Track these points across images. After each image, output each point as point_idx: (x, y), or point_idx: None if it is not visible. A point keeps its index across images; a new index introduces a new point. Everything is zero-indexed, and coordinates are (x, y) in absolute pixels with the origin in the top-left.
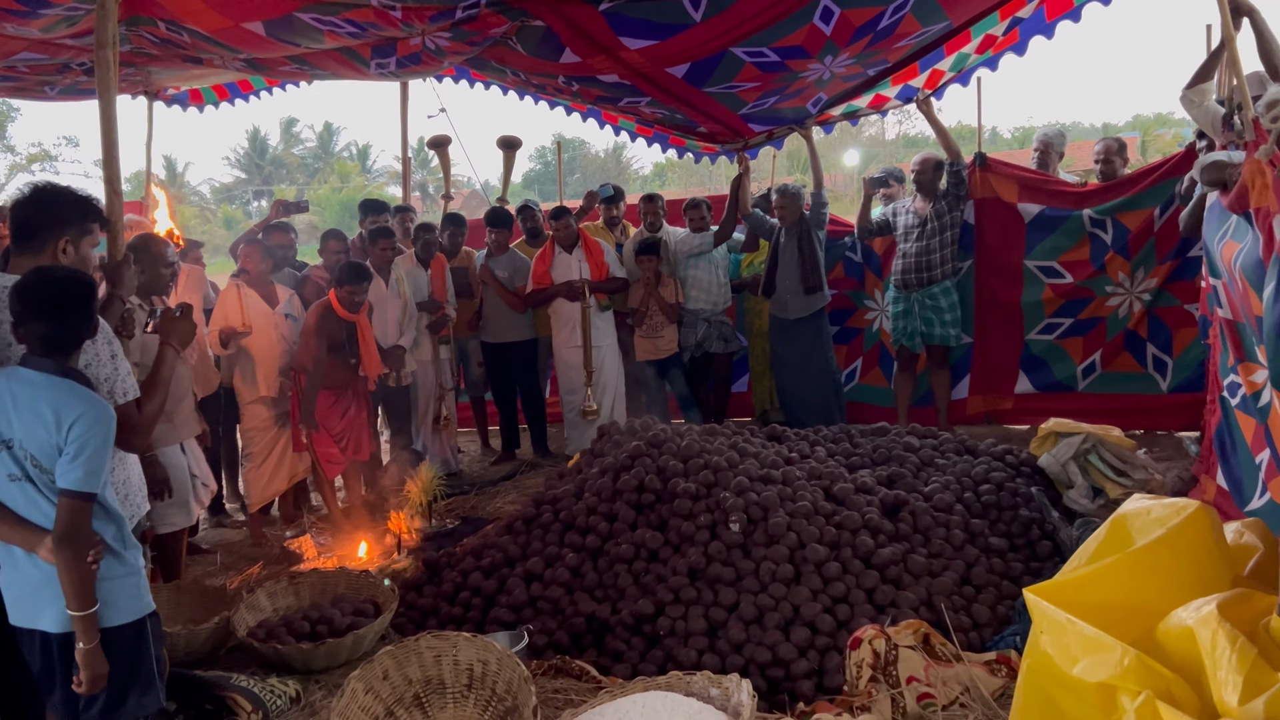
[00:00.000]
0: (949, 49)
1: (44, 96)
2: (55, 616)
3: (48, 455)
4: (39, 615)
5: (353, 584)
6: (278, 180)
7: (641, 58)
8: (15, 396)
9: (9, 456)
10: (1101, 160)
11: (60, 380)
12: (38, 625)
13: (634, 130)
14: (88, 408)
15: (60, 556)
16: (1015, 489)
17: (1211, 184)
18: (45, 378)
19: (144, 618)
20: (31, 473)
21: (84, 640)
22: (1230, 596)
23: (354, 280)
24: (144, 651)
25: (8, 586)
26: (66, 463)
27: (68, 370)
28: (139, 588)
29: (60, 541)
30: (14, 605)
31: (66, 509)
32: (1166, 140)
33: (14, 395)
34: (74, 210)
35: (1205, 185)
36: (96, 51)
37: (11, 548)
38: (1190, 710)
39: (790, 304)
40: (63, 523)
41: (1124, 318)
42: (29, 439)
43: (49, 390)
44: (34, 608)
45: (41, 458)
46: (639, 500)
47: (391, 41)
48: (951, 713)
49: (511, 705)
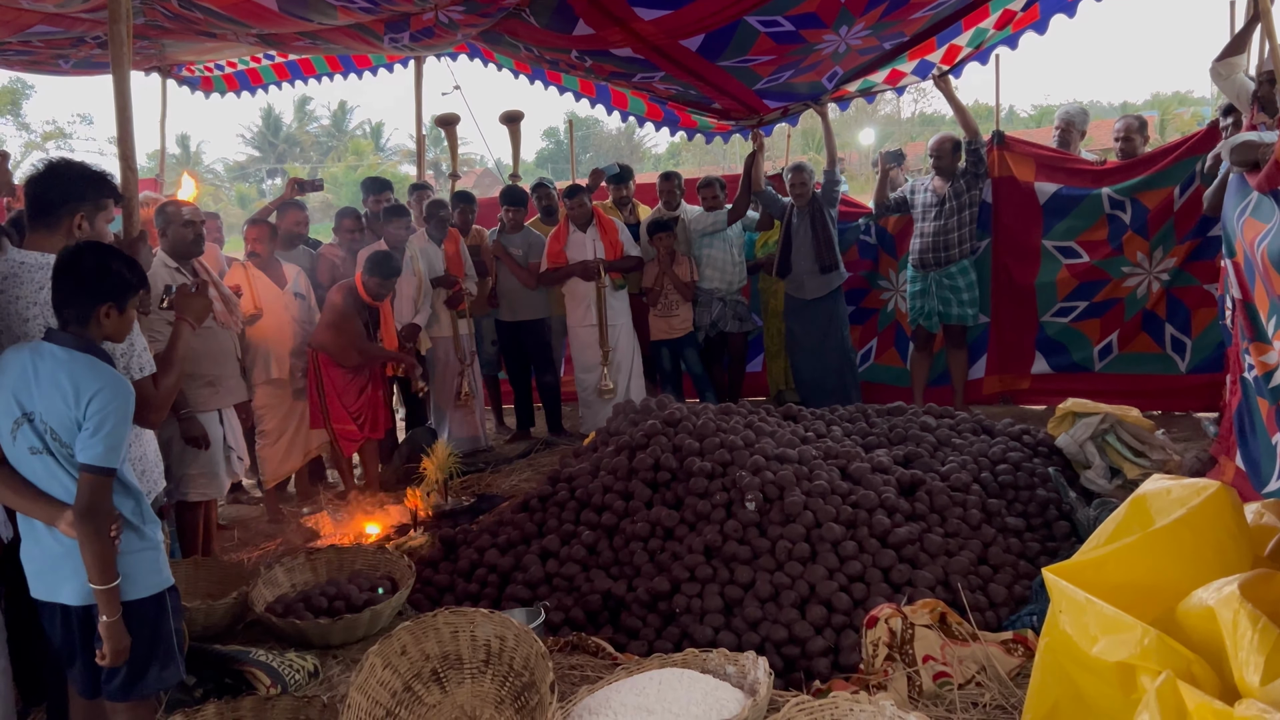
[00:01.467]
0: (966, 24)
1: (58, 70)
2: (76, 590)
3: (67, 429)
4: (59, 588)
5: (370, 560)
6: (291, 158)
7: (655, 29)
8: (37, 370)
9: (30, 429)
10: (1122, 138)
11: (80, 355)
12: (58, 598)
13: (643, 115)
14: (106, 382)
15: (82, 531)
16: (1032, 469)
17: (1241, 164)
18: (66, 352)
19: (163, 592)
20: (51, 446)
21: (107, 614)
22: (1252, 577)
23: (386, 274)
24: (164, 625)
25: (29, 560)
26: (86, 438)
27: (89, 345)
28: (158, 562)
29: (82, 516)
30: (35, 578)
31: (87, 484)
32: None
33: (36, 369)
34: (88, 185)
35: (1235, 166)
36: (110, 26)
37: (33, 521)
38: (1211, 690)
39: (806, 284)
40: (84, 498)
41: (1142, 298)
42: (49, 412)
43: (69, 364)
44: (54, 581)
45: (61, 431)
46: (655, 479)
47: (405, 16)
48: (968, 691)
49: (529, 681)
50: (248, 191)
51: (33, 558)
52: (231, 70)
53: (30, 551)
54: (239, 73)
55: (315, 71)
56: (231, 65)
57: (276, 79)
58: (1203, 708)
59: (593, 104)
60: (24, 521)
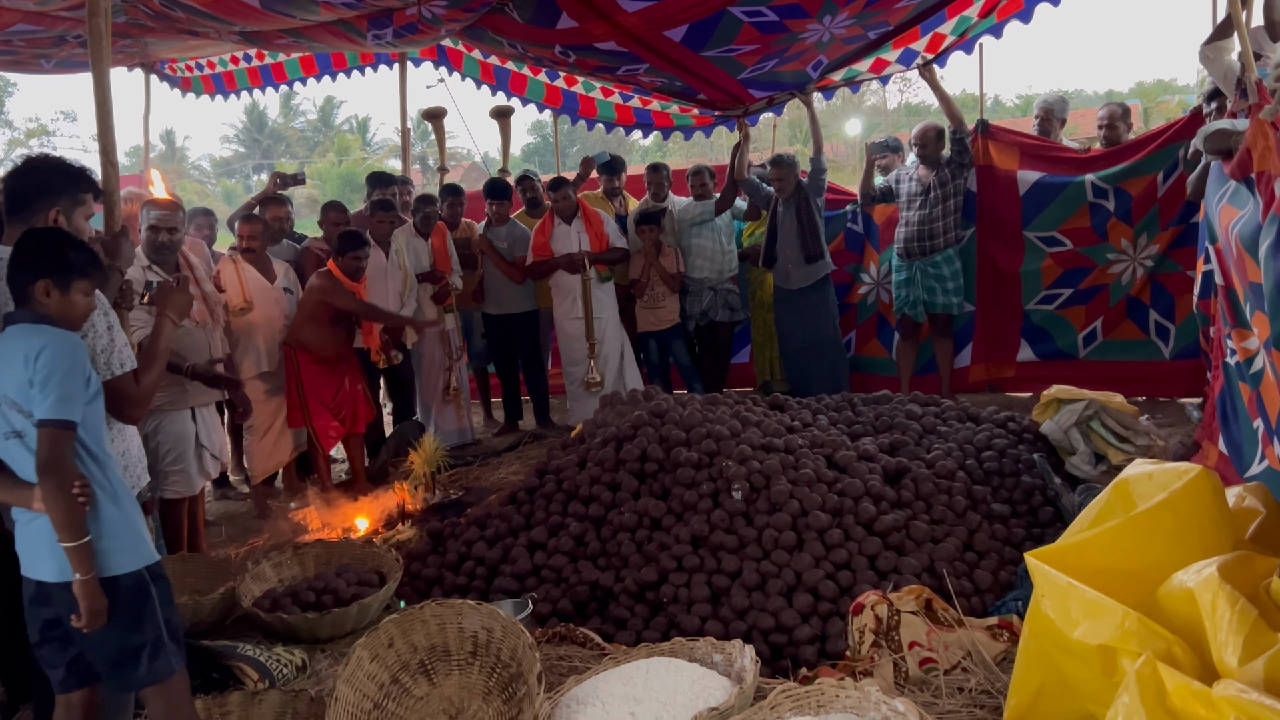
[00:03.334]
0: (950, 11)
1: (40, 69)
2: (54, 566)
3: (24, 394)
4: (39, 564)
5: (357, 554)
6: (277, 154)
7: (638, 20)
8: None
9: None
10: (1105, 125)
11: (30, 326)
12: (38, 575)
13: (613, 121)
14: (50, 338)
15: (44, 486)
16: (1017, 456)
17: (1215, 152)
18: (18, 327)
19: (143, 571)
20: (16, 423)
21: (80, 571)
22: (1231, 559)
23: (354, 246)
24: (148, 605)
25: (18, 540)
26: (39, 392)
27: (40, 319)
28: (137, 536)
29: (42, 471)
30: (22, 556)
31: (46, 438)
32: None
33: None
34: (65, 180)
35: (1209, 154)
36: (89, 20)
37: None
38: (1191, 671)
39: (792, 274)
40: (43, 452)
41: (1126, 284)
42: (9, 386)
43: (20, 336)
44: (35, 556)
45: (20, 399)
46: (642, 469)
47: (387, 11)
48: (953, 677)
49: (516, 672)
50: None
51: (18, 538)
52: (210, 72)
53: (21, 532)
54: (215, 75)
55: (288, 77)
56: (210, 66)
57: (250, 85)
58: (1182, 688)
59: (556, 114)
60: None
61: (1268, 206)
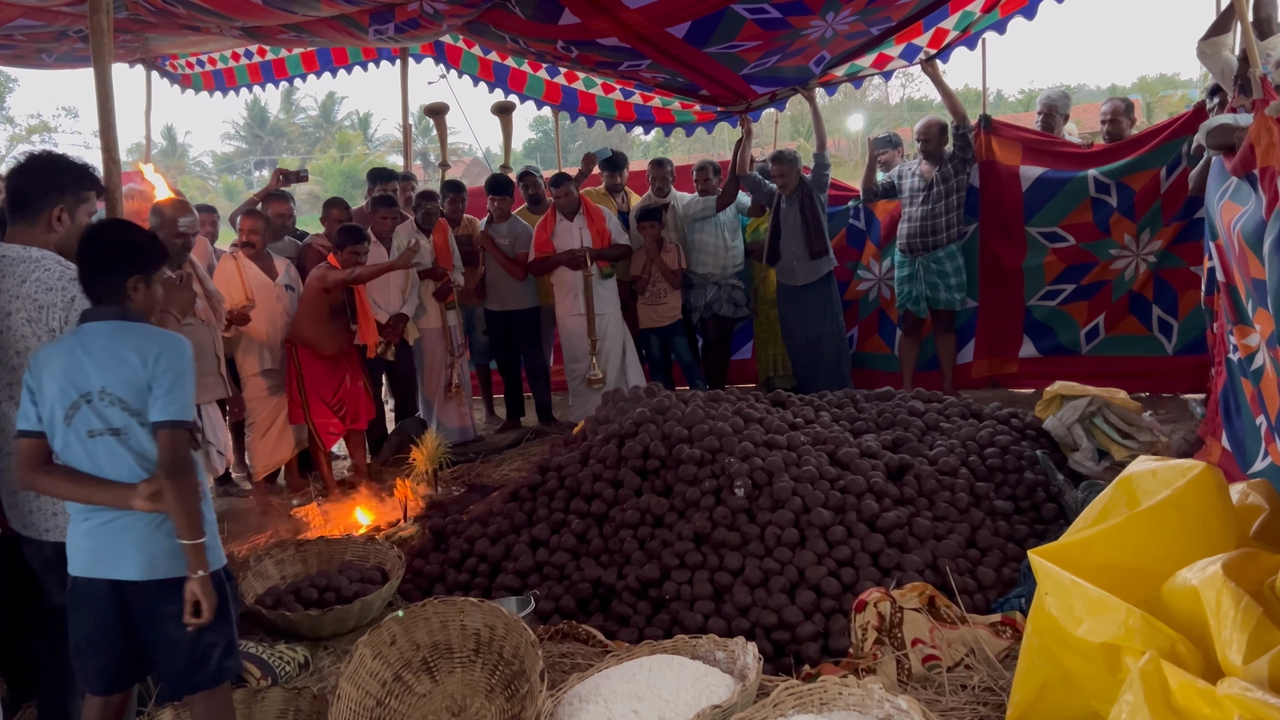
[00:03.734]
0: (953, 7)
1: (41, 64)
2: (138, 564)
3: (137, 394)
4: (115, 563)
5: (360, 551)
6: (279, 150)
7: (641, 17)
8: (89, 349)
9: (90, 410)
10: (1109, 120)
11: (126, 323)
12: (112, 574)
13: (613, 118)
14: (166, 341)
15: (174, 487)
16: (1020, 452)
17: (1218, 148)
18: (112, 325)
19: (222, 570)
20: (116, 421)
21: (202, 567)
22: (1235, 556)
23: (354, 240)
24: (226, 606)
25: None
26: (162, 395)
27: (131, 314)
28: (216, 535)
29: (171, 473)
30: (87, 555)
31: (169, 440)
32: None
33: (86, 348)
34: (68, 177)
35: (1211, 149)
36: (90, 16)
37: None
38: (1195, 669)
39: (796, 270)
40: (168, 454)
41: (1129, 280)
42: (115, 383)
43: (122, 334)
44: (111, 555)
45: (130, 398)
46: (644, 466)
47: (389, 7)
48: (957, 674)
49: (518, 669)
50: (235, 184)
51: (89, 533)
52: (211, 69)
53: (85, 528)
54: (216, 72)
55: (288, 74)
56: (212, 62)
57: (250, 81)
58: (1186, 686)
59: (556, 110)
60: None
61: (1272, 204)
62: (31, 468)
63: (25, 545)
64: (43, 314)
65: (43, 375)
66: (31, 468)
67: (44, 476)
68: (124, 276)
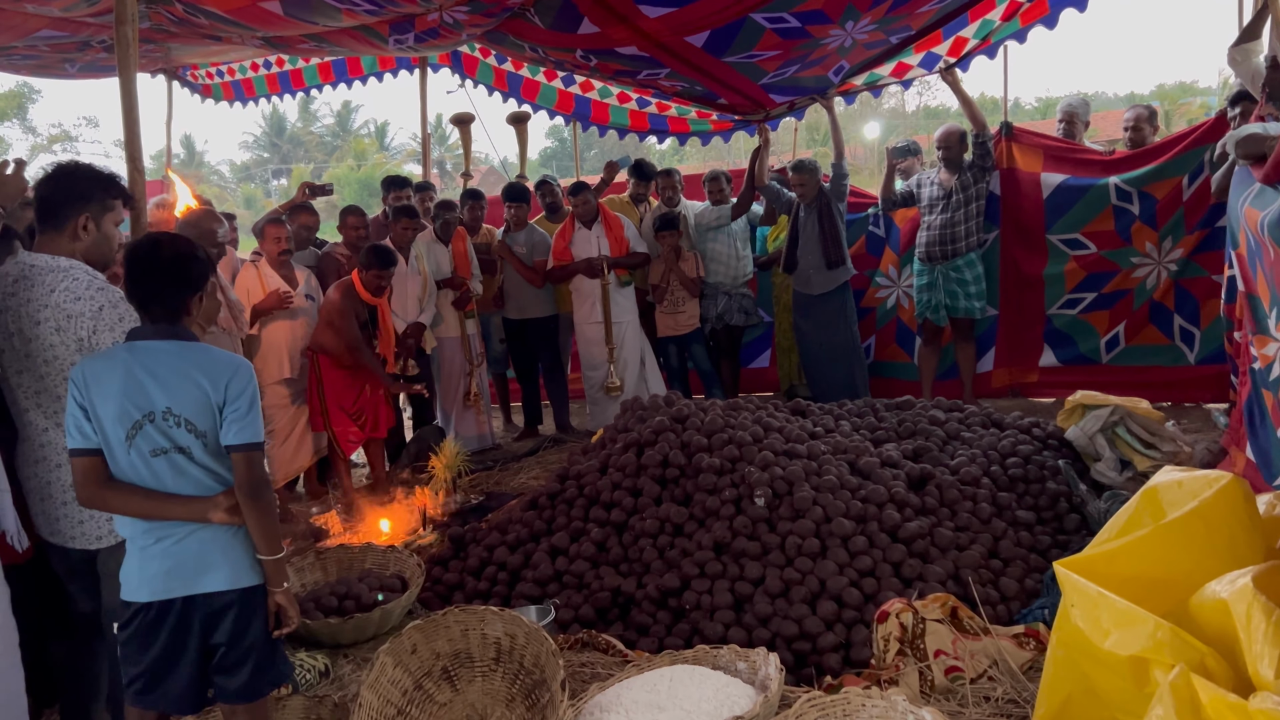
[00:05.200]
0: (973, 15)
1: (64, 74)
2: (225, 575)
3: (205, 416)
4: (201, 579)
5: (379, 559)
6: (296, 159)
7: (660, 26)
8: (151, 368)
9: (153, 429)
10: (1131, 128)
11: (188, 345)
12: (199, 589)
13: (626, 127)
14: (234, 364)
15: (253, 507)
16: (1042, 462)
17: (1247, 157)
18: (174, 345)
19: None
20: (183, 441)
21: (284, 581)
22: (1265, 569)
23: (382, 265)
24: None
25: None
26: (239, 419)
27: (187, 334)
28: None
29: (252, 493)
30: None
31: (247, 461)
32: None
33: (148, 367)
34: (94, 186)
35: (1241, 159)
36: (116, 28)
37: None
38: (1225, 683)
39: (813, 279)
40: (247, 476)
41: (1150, 288)
42: (182, 405)
43: (187, 355)
44: (195, 573)
45: (198, 420)
46: (663, 475)
47: (409, 17)
48: (980, 686)
49: (539, 679)
50: (254, 192)
51: (163, 554)
52: (230, 79)
53: (159, 551)
54: (235, 82)
55: (305, 84)
56: (231, 73)
57: (268, 91)
58: (1217, 701)
59: (567, 120)
60: (137, 526)
61: None
62: (96, 485)
63: (51, 553)
64: (71, 323)
65: (92, 393)
66: (96, 485)
67: (111, 494)
68: (184, 293)
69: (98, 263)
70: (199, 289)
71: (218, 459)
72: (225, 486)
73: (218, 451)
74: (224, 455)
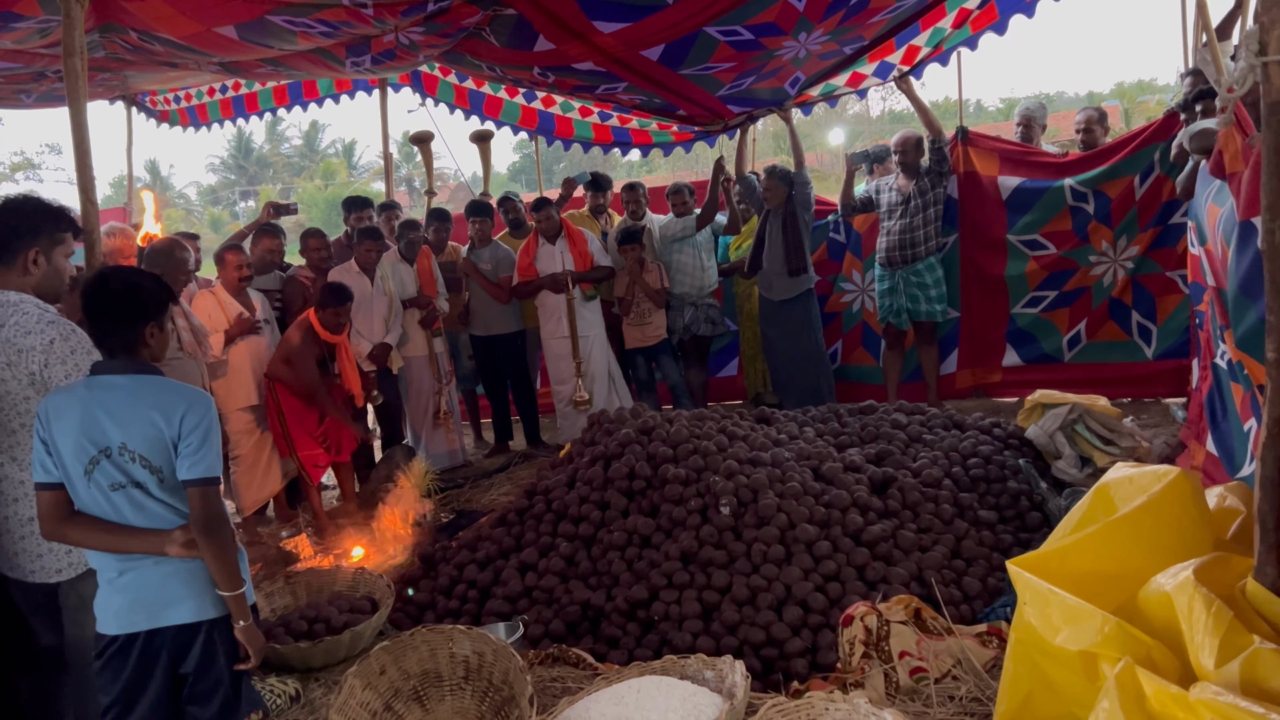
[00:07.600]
0: (924, 24)
1: (20, 104)
2: (190, 608)
3: (159, 452)
4: (165, 612)
5: (349, 581)
6: (263, 180)
7: (615, 41)
8: (106, 405)
9: (110, 465)
10: (1083, 130)
11: (145, 378)
12: (163, 622)
13: (590, 140)
14: (190, 398)
15: (211, 542)
16: (1003, 461)
17: (1201, 151)
18: (129, 379)
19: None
20: (139, 476)
21: (242, 617)
22: (1208, 561)
23: (337, 302)
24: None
25: (119, 593)
26: (192, 453)
27: (144, 367)
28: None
29: (206, 529)
30: (131, 610)
31: (201, 497)
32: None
33: (104, 403)
34: (43, 219)
35: (1195, 153)
36: (64, 60)
37: (119, 559)
38: (1170, 675)
39: (775, 285)
40: (202, 511)
41: (1108, 286)
42: (137, 441)
43: (142, 390)
44: (160, 606)
45: (152, 456)
46: (630, 488)
47: (365, 39)
48: (944, 685)
49: (509, 695)
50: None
51: (127, 587)
52: (186, 105)
53: (123, 584)
54: (190, 108)
55: (259, 108)
56: (187, 99)
57: (223, 116)
58: (1160, 692)
59: (531, 136)
60: (105, 559)
61: (1240, 206)
62: (57, 519)
63: (12, 587)
64: (21, 358)
65: (53, 428)
66: (57, 519)
67: (72, 528)
68: (138, 326)
69: (49, 296)
70: (153, 318)
71: (175, 494)
72: (186, 520)
73: (175, 486)
74: (182, 489)
